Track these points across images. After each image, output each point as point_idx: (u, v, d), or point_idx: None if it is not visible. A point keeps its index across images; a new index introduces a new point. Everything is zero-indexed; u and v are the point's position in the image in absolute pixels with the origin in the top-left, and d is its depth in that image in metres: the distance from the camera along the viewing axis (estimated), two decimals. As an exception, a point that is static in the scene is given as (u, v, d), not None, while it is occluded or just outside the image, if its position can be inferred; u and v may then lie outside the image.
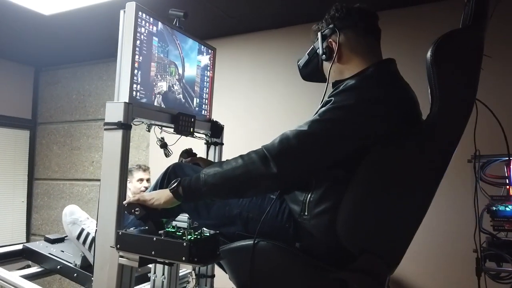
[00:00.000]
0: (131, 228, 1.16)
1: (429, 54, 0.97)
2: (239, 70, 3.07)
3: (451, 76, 0.97)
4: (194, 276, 1.80)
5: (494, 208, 1.41)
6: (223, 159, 1.85)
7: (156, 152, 3.21)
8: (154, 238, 1.05)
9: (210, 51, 1.78)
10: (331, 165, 1.05)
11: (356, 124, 1.01)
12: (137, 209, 1.10)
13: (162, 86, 1.47)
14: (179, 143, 1.63)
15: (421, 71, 1.08)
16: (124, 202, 1.15)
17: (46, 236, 1.79)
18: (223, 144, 1.86)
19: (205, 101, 1.77)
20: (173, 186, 1.10)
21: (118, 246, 1.11)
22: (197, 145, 1.85)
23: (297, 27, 2.88)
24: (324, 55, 1.17)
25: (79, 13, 2.68)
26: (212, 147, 1.83)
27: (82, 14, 2.70)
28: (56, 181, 4.03)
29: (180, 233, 1.11)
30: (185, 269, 1.86)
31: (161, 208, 1.14)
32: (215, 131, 1.79)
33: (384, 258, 1.03)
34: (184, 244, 1.00)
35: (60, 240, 1.81)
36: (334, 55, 1.16)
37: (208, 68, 1.78)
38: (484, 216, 1.41)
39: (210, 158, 1.84)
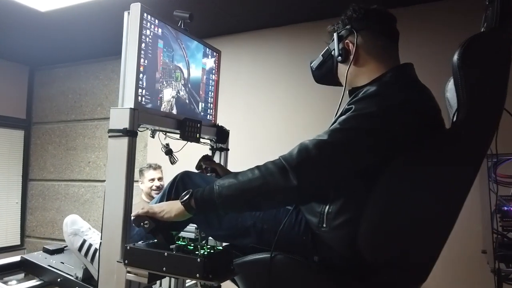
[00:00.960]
0: (139, 242, 1.10)
1: (455, 57, 0.93)
2: (239, 70, 3.02)
3: (480, 81, 0.93)
4: (199, 287, 1.74)
5: (506, 208, 1.37)
6: (229, 165, 1.79)
7: (154, 153, 3.16)
8: (166, 253, 0.99)
9: (215, 54, 1.72)
10: (351, 176, 1.00)
11: (380, 132, 0.96)
12: (146, 222, 1.04)
13: (168, 91, 1.41)
14: (184, 149, 1.57)
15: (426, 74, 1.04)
16: (132, 215, 1.09)
17: (45, 247, 1.72)
18: (228, 149, 1.80)
19: (210, 106, 1.71)
20: (184, 198, 1.04)
21: (126, 261, 1.04)
22: (202, 151, 1.79)
23: (297, 26, 2.85)
24: (340, 57, 1.12)
25: (76, 10, 2.61)
26: (217, 153, 1.77)
27: (79, 11, 2.63)
28: (51, 182, 3.97)
29: (192, 247, 1.05)
30: (189, 280, 1.80)
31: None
32: (221, 136, 1.73)
33: (409, 271, 0.97)
34: (198, 260, 0.94)
35: (60, 250, 1.73)
36: (351, 57, 1.11)
37: (213, 71, 1.72)
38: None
39: (216, 163, 1.77)
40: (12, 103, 4.01)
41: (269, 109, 2.92)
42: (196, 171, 1.55)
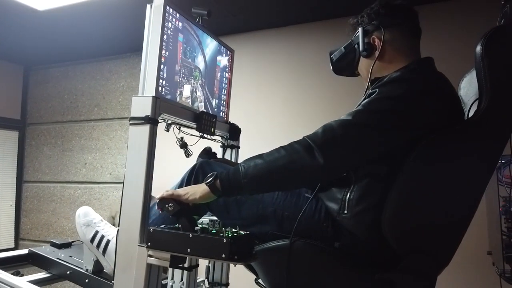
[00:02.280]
0: (161, 226, 1.10)
1: (479, 47, 0.96)
2: (241, 70, 3.04)
3: (503, 71, 0.96)
4: (207, 285, 1.72)
5: None
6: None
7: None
8: (190, 235, 0.99)
9: (228, 52, 1.75)
10: (375, 159, 1.02)
11: (406, 114, 0.99)
12: (170, 204, 1.05)
13: (187, 87, 1.44)
14: (197, 145, 1.58)
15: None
16: (157, 197, 1.09)
17: (53, 241, 1.70)
18: (239, 147, 1.82)
19: (223, 103, 1.73)
20: (209, 180, 1.04)
21: (149, 244, 1.04)
22: (213, 148, 1.80)
23: (301, 26, 2.87)
24: (364, 52, 1.15)
25: (75, 9, 2.57)
26: (228, 150, 1.78)
27: (78, 10, 2.60)
28: (46, 184, 3.89)
29: (215, 230, 1.05)
30: (197, 277, 1.79)
31: (192, 205, 1.09)
32: (233, 134, 1.75)
33: (433, 257, 0.99)
34: (225, 240, 0.95)
35: (67, 245, 1.72)
36: (376, 52, 1.14)
37: (227, 69, 1.75)
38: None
39: (226, 162, 1.78)
40: (6, 103, 3.95)
41: (274, 107, 2.92)
42: None
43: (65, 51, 3.59)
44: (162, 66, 1.30)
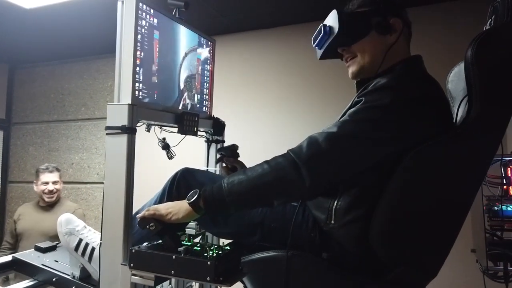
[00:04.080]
0: (144, 244, 1.06)
1: (469, 53, 0.91)
2: (232, 69, 3.00)
3: (493, 77, 0.91)
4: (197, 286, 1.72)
5: (496, 208, 1.39)
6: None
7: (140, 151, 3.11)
8: (174, 257, 0.96)
9: (209, 43, 1.66)
10: (363, 170, 0.99)
11: (394, 124, 0.94)
12: (152, 224, 1.01)
13: (164, 84, 1.36)
14: (182, 146, 1.52)
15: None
16: (138, 216, 1.05)
17: (37, 245, 1.66)
18: (224, 141, 1.77)
19: (205, 97, 1.66)
20: (192, 199, 1.00)
21: (132, 265, 1.01)
22: (198, 144, 1.75)
23: (290, 27, 2.86)
24: (382, 29, 1.05)
25: (62, 8, 2.52)
26: (213, 145, 1.73)
27: (65, 9, 2.54)
28: (32, 184, 3.80)
29: (199, 248, 1.02)
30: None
31: None
32: (217, 129, 1.69)
33: (422, 269, 0.98)
34: (209, 263, 0.92)
35: (52, 248, 1.68)
36: (394, 36, 1.06)
37: (208, 61, 1.67)
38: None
39: (211, 156, 1.74)
40: (-10, 102, 3.87)
41: (266, 106, 2.92)
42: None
43: (52, 49, 3.50)
44: (138, 68, 1.22)
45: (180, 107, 1.44)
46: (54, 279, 1.49)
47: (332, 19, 1.09)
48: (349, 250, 1.02)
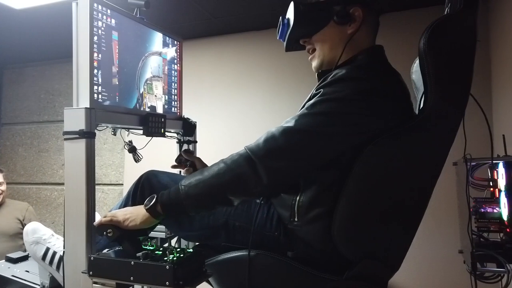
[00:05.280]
0: (104, 250, 1.04)
1: (422, 42, 0.90)
2: (221, 70, 2.97)
3: (446, 65, 0.90)
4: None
5: (482, 210, 1.40)
6: (206, 159, 1.74)
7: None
8: (132, 262, 0.94)
9: (176, 42, 1.63)
10: (323, 165, 0.97)
11: (351, 117, 0.92)
12: (109, 230, 0.98)
13: (127, 85, 1.33)
14: (150, 144, 1.49)
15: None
16: (95, 223, 1.02)
17: (8, 255, 1.63)
18: (196, 142, 1.74)
19: (174, 98, 1.64)
20: (150, 204, 0.97)
21: (91, 272, 0.98)
22: (169, 145, 1.72)
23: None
24: (340, 18, 1.01)
25: (53, 8, 2.48)
26: (185, 146, 1.71)
27: (56, 9, 2.50)
28: (21, 185, 3.80)
29: (161, 252, 1.00)
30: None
31: None
32: (188, 129, 1.67)
33: (385, 262, 0.96)
34: (167, 267, 0.90)
35: (24, 258, 1.65)
36: (353, 25, 1.02)
37: (175, 61, 1.64)
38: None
39: (184, 157, 1.71)
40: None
41: (254, 108, 2.90)
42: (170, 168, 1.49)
43: (42, 50, 3.45)
44: (96, 71, 1.19)
45: (142, 109, 1.41)
46: (24, 290, 1.46)
47: (290, 11, 1.08)
48: (314, 248, 1.01)
